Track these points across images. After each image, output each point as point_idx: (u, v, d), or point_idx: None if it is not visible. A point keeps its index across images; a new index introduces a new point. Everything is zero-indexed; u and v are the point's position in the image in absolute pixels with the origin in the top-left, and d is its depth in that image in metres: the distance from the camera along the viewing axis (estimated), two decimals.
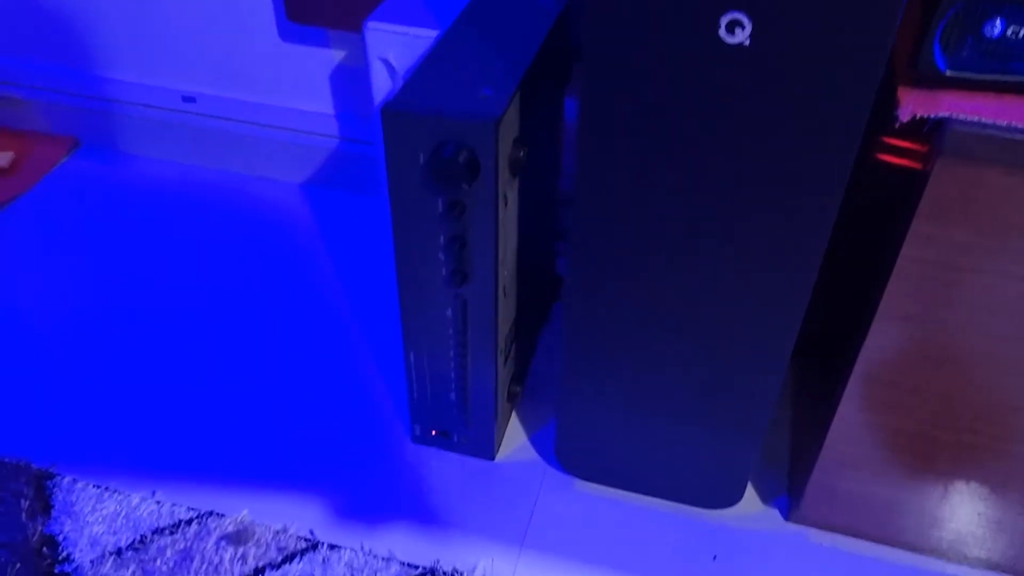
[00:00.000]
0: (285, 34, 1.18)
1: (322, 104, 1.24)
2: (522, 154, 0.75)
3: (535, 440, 0.97)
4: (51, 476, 0.91)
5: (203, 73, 1.26)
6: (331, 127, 1.25)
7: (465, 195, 0.73)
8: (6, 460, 0.92)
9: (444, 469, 0.93)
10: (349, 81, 1.20)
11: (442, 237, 0.77)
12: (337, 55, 1.18)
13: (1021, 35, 0.55)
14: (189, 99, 1.28)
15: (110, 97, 1.31)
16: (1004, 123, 0.56)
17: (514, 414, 1.00)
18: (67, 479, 0.90)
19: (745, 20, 0.56)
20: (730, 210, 0.65)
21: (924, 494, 0.79)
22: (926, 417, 0.73)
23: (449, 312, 0.82)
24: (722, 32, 0.57)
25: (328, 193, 1.31)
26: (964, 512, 0.80)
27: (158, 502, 0.88)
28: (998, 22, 0.55)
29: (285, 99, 1.25)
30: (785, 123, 0.59)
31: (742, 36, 0.56)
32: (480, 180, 0.71)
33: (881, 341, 0.69)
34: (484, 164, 0.71)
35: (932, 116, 0.57)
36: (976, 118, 0.56)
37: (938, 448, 0.75)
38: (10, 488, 0.89)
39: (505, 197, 0.76)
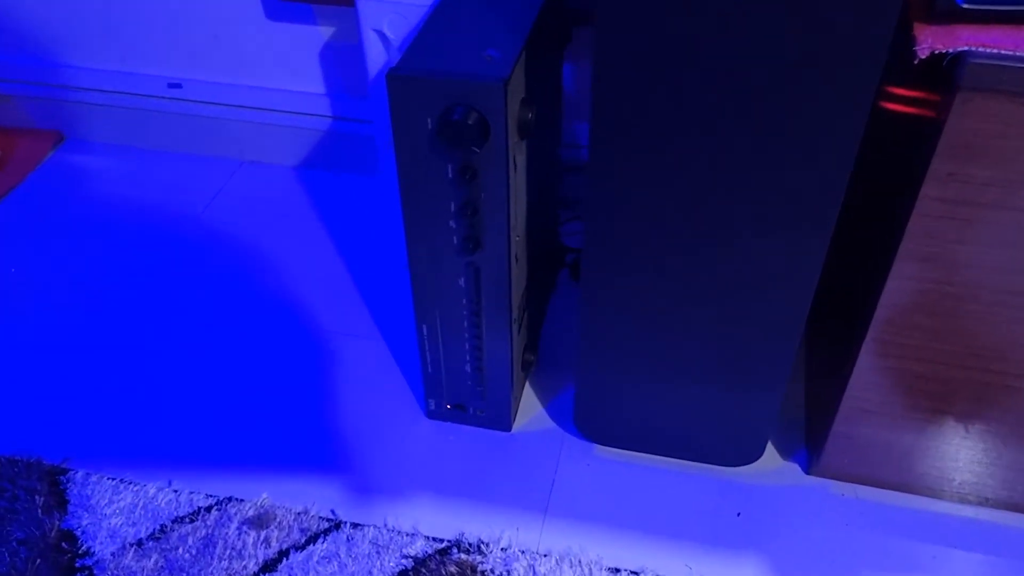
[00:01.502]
0: (271, 12, 1.16)
1: (312, 83, 1.22)
2: (530, 115, 0.74)
3: (551, 408, 0.96)
4: (64, 471, 0.89)
5: (188, 58, 1.24)
6: (323, 107, 1.23)
7: (476, 159, 0.72)
8: (17, 458, 0.90)
9: (462, 442, 0.93)
10: (339, 58, 1.18)
11: (453, 204, 0.76)
12: (325, 32, 1.16)
13: None
14: (175, 85, 1.26)
15: (93, 87, 1.29)
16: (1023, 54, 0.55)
17: (528, 383, 0.99)
18: (80, 473, 0.89)
19: None
20: (746, 167, 0.64)
21: (943, 438, 0.80)
22: (945, 359, 0.73)
23: (462, 281, 0.81)
24: None
25: (323, 175, 1.29)
26: (984, 453, 0.80)
27: (175, 491, 0.87)
28: None
29: (274, 80, 1.23)
30: (803, 70, 0.58)
31: None
32: (491, 142, 0.70)
33: (901, 284, 0.69)
34: (494, 125, 0.69)
35: (951, 50, 0.57)
36: (995, 50, 0.56)
37: (957, 390, 0.75)
38: (23, 485, 0.88)
39: (515, 160, 0.75)
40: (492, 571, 0.80)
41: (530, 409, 0.96)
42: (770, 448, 0.92)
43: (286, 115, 1.25)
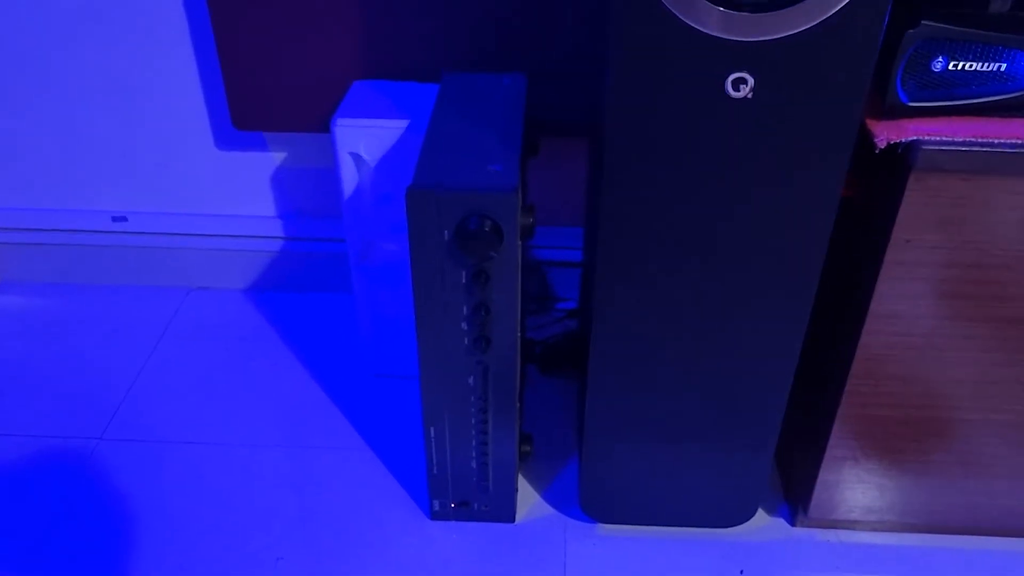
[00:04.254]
0: (221, 142, 1.20)
1: (262, 207, 1.25)
2: (531, 220, 0.81)
3: (547, 495, 1.00)
4: None
5: (133, 190, 1.24)
6: (274, 229, 1.26)
7: (488, 263, 0.78)
8: None
9: (469, 539, 0.95)
10: (292, 181, 1.23)
11: (465, 307, 0.81)
12: (277, 157, 1.21)
13: (959, 68, 0.68)
14: (120, 219, 1.26)
15: (32, 227, 1.27)
16: (960, 139, 0.68)
17: (519, 473, 1.03)
18: None
19: (748, 78, 0.65)
20: (737, 256, 0.73)
21: (912, 474, 0.89)
22: (912, 402, 0.84)
23: (471, 380, 0.86)
24: (728, 89, 0.66)
25: (276, 295, 1.31)
26: (945, 484, 0.90)
27: None
28: (940, 59, 0.67)
29: (224, 206, 1.26)
30: (784, 160, 0.68)
31: (745, 91, 0.66)
32: (503, 247, 0.77)
33: (871, 340, 0.79)
34: (507, 232, 0.76)
35: (903, 140, 0.68)
36: (937, 137, 0.68)
37: (923, 429, 0.86)
38: None
39: (519, 262, 0.81)
40: None
41: (527, 498, 1.00)
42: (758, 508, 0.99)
43: (236, 239, 1.27)
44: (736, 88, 0.66)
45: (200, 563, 0.91)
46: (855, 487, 0.91)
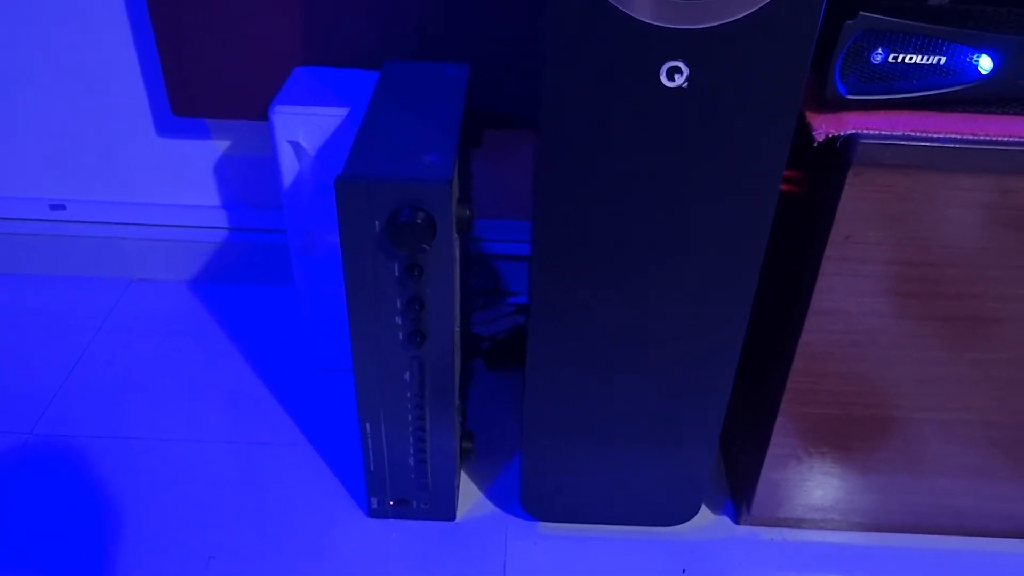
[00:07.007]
0: (163, 129, 1.16)
1: (205, 197, 1.22)
2: (468, 213, 0.79)
3: (489, 493, 0.98)
4: None
5: (73, 178, 1.20)
6: (218, 219, 1.23)
7: (422, 256, 0.75)
8: None
9: (408, 538, 0.93)
10: (234, 170, 1.19)
11: (399, 301, 0.78)
12: (220, 145, 1.17)
13: (899, 60, 0.66)
14: (58, 207, 1.22)
15: None
16: (900, 133, 0.66)
17: (462, 471, 1.01)
18: None
19: (683, 67, 0.63)
20: (674, 239, 0.72)
21: (854, 473, 0.88)
22: (855, 400, 0.82)
23: (407, 375, 0.83)
24: (663, 78, 0.64)
25: (219, 287, 1.27)
26: (887, 482, 0.89)
27: None
28: (880, 51, 0.66)
29: (164, 195, 1.22)
30: (721, 152, 0.67)
31: (680, 80, 0.64)
32: (437, 240, 0.74)
33: (814, 336, 0.78)
34: (441, 224, 0.74)
35: (842, 133, 0.67)
36: (877, 131, 0.67)
37: (866, 427, 0.85)
38: None
39: (455, 255, 0.79)
40: None
41: (469, 496, 0.98)
42: (702, 506, 0.97)
43: (178, 229, 1.24)
44: (671, 77, 0.64)
45: (128, 562, 0.88)
46: (798, 485, 0.90)
